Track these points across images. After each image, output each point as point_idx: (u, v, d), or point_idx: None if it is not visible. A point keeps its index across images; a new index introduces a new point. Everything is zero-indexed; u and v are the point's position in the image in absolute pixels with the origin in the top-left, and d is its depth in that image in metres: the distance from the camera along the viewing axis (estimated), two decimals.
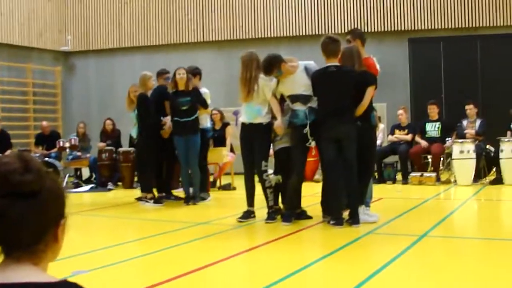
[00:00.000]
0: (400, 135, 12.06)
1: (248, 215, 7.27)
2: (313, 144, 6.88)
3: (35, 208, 1.32)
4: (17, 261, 1.33)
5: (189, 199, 9.07)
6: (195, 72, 9.55)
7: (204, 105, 9.23)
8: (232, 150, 11.80)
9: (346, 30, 14.23)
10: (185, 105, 8.86)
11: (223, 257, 5.17)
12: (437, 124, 11.67)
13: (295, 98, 6.90)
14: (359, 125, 6.69)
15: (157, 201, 9.14)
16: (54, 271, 1.34)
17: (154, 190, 9.50)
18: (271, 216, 7.10)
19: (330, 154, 6.66)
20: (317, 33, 14.48)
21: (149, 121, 9.12)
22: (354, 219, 6.49)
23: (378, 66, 7.27)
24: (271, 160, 7.44)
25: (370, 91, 6.72)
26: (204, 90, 9.45)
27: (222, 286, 4.37)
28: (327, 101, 6.68)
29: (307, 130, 6.74)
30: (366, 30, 14.31)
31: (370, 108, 6.87)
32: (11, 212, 1.30)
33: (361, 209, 6.69)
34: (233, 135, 11.83)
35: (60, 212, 1.40)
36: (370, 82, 6.76)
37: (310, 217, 7.15)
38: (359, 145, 6.65)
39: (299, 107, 6.84)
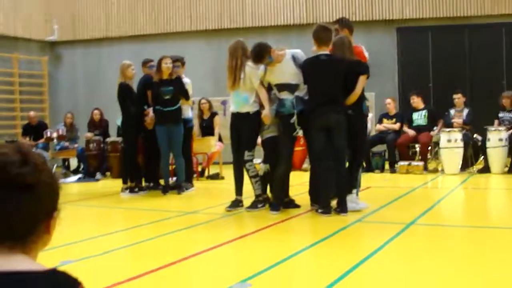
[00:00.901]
0: (388, 124, 12.10)
1: (236, 204, 7.28)
2: (300, 133, 6.89)
3: (30, 200, 1.34)
4: (9, 251, 1.35)
5: (167, 189, 9.09)
6: (183, 62, 9.53)
7: (186, 96, 9.18)
8: (220, 139, 11.78)
9: (334, 19, 14.26)
10: (167, 94, 8.83)
11: (211, 246, 5.17)
12: (424, 112, 11.73)
13: (282, 87, 6.89)
14: (351, 113, 6.70)
15: (132, 190, 9.13)
16: (41, 261, 1.34)
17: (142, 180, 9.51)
18: (253, 205, 7.13)
19: (319, 143, 6.66)
20: (305, 22, 14.48)
21: (132, 110, 9.06)
22: (342, 208, 6.51)
23: (366, 54, 7.29)
24: (260, 149, 7.44)
25: (362, 80, 6.74)
26: (186, 81, 9.40)
27: (210, 275, 4.37)
28: (318, 90, 6.67)
29: (294, 119, 6.75)
30: (354, 19, 14.30)
31: (362, 97, 6.89)
32: (6, 203, 1.32)
33: (350, 197, 6.71)
34: (221, 124, 11.83)
35: (54, 204, 1.42)
36: (362, 71, 6.77)
37: (298, 206, 7.17)
38: (350, 133, 6.67)
39: (286, 96, 6.84)
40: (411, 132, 11.52)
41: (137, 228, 6.43)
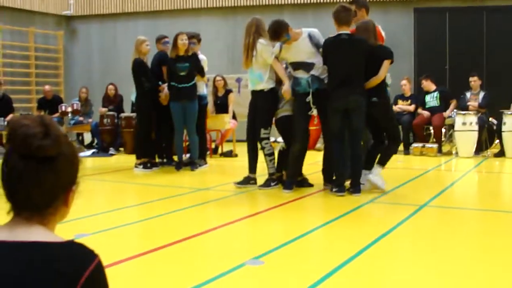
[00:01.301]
0: (403, 106, 12.03)
1: (247, 181, 7.30)
2: (315, 112, 6.87)
3: (50, 172, 1.35)
4: (27, 221, 1.36)
5: (181, 165, 9.13)
6: (199, 38, 9.51)
7: (201, 72, 9.18)
8: (234, 117, 11.78)
9: None
10: (183, 70, 8.81)
11: (223, 223, 5.20)
12: (436, 94, 11.65)
13: (297, 66, 6.87)
14: (377, 101, 6.64)
15: (146, 166, 9.16)
16: (57, 233, 1.36)
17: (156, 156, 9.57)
18: (266, 183, 7.15)
19: (336, 124, 6.62)
20: (321, 1, 14.36)
21: (146, 86, 9.06)
22: (355, 188, 6.51)
23: (383, 33, 7.24)
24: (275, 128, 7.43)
25: (386, 65, 6.66)
26: (201, 57, 9.38)
27: (223, 252, 4.40)
28: (338, 70, 6.60)
29: (309, 98, 6.73)
30: None
31: (385, 83, 6.85)
32: (27, 174, 1.34)
33: (376, 171, 6.70)
34: (235, 102, 11.82)
35: (73, 178, 1.43)
36: (387, 55, 6.70)
37: (311, 185, 7.18)
38: (382, 121, 6.66)
39: (301, 75, 6.82)
40: (425, 113, 11.46)
41: (150, 203, 6.47)
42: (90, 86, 14.25)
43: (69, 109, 12.81)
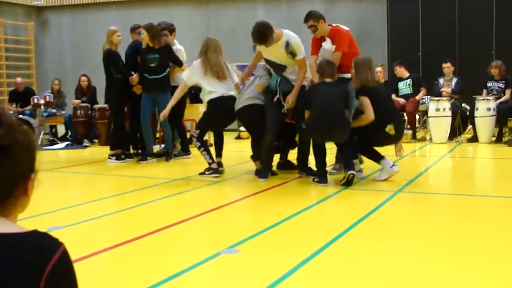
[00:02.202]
0: None
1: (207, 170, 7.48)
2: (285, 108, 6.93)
3: (6, 162, 1.31)
4: None
5: (147, 156, 9.05)
6: (172, 29, 9.41)
7: (177, 62, 9.11)
8: None
9: None
10: (153, 62, 8.75)
11: (197, 213, 5.18)
12: (408, 81, 11.70)
13: (270, 64, 7.01)
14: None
15: (119, 157, 9.09)
16: (30, 227, 1.32)
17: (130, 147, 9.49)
18: (203, 172, 7.41)
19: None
20: None
21: (116, 77, 8.96)
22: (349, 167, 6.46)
23: (346, 27, 7.25)
24: None
25: (364, 101, 6.60)
26: (178, 47, 9.32)
27: (198, 242, 4.39)
28: (323, 109, 6.42)
29: (277, 97, 6.88)
30: None
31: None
32: None
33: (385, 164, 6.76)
34: None
35: (31, 166, 1.39)
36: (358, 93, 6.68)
37: (294, 167, 7.30)
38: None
39: (272, 72, 6.98)
40: (401, 100, 11.47)
41: (124, 195, 6.43)
42: (62, 78, 14.09)
43: (42, 101, 12.65)
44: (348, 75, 6.98)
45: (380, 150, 6.80)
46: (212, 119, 7.49)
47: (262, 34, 6.72)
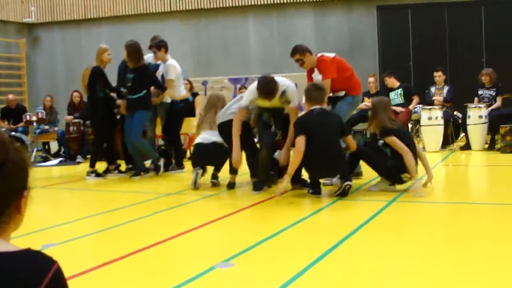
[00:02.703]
0: (369, 103, 12.10)
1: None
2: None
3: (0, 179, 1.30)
4: None
5: (141, 172, 9.04)
6: (159, 45, 9.35)
7: (156, 85, 8.99)
8: None
9: None
10: (129, 81, 8.79)
11: (192, 227, 5.16)
12: (399, 91, 11.72)
13: (264, 109, 7.20)
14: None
15: (98, 175, 9.08)
16: (24, 245, 1.32)
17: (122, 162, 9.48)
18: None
19: None
20: (285, 1, 14.40)
21: (99, 95, 8.92)
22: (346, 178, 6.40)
23: (332, 55, 7.38)
24: None
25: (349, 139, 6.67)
26: (169, 63, 9.26)
27: (193, 256, 4.37)
28: (322, 156, 6.25)
29: (273, 129, 7.22)
30: None
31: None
32: None
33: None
34: (202, 104, 11.78)
35: (24, 183, 1.39)
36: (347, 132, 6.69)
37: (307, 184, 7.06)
38: None
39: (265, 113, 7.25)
40: (399, 109, 11.46)
41: (118, 210, 6.40)
42: (54, 94, 14.09)
43: (34, 118, 12.64)
44: (342, 93, 7.37)
45: None
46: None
47: (272, 90, 6.70)
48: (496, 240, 4.37)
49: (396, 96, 11.72)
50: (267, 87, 6.70)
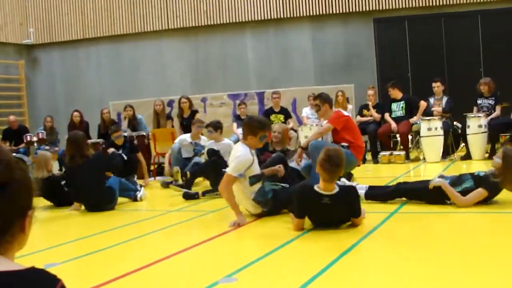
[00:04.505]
0: (372, 112, 12.12)
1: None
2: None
3: (3, 199, 1.32)
4: None
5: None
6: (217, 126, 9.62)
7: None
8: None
9: (311, 13, 14.35)
10: None
11: (193, 244, 5.17)
12: (401, 104, 11.72)
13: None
14: None
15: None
16: (27, 264, 1.33)
17: None
18: None
19: None
20: (282, 16, 14.48)
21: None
22: None
23: (347, 111, 7.61)
24: None
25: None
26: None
27: (196, 272, 4.37)
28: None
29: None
30: (331, 12, 14.39)
31: None
32: None
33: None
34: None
35: (28, 203, 1.40)
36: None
37: None
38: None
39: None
40: (393, 125, 11.46)
41: (120, 228, 6.41)
42: (55, 114, 14.13)
43: (35, 139, 12.67)
44: (345, 144, 7.47)
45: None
46: None
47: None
48: (501, 247, 4.36)
49: (398, 109, 11.73)
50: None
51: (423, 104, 11.53)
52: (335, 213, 5.36)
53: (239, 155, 5.99)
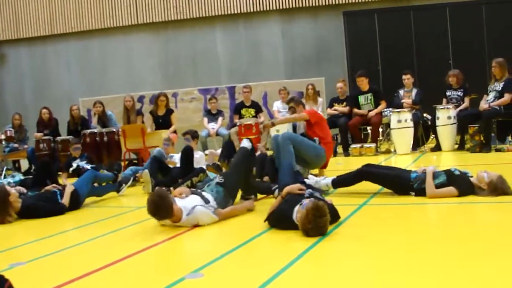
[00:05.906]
0: (338, 108, 12.16)
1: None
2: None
3: None
4: None
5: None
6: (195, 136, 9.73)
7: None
8: (175, 132, 11.87)
9: (281, 7, 14.33)
10: None
11: (160, 240, 5.14)
12: (369, 96, 11.76)
13: None
14: None
15: None
16: None
17: None
18: None
19: None
20: (251, 10, 14.44)
21: None
22: None
23: (317, 104, 7.72)
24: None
25: None
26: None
27: (161, 268, 4.34)
28: None
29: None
30: (301, 5, 14.39)
31: None
32: None
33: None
34: (177, 118, 12.05)
35: None
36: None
37: None
38: None
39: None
40: (364, 112, 11.51)
41: (87, 226, 6.34)
42: (23, 111, 13.95)
43: (3, 136, 12.49)
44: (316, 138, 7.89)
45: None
46: None
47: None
48: (471, 239, 4.39)
49: (366, 102, 11.77)
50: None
51: (383, 104, 11.61)
52: None
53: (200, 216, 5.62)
